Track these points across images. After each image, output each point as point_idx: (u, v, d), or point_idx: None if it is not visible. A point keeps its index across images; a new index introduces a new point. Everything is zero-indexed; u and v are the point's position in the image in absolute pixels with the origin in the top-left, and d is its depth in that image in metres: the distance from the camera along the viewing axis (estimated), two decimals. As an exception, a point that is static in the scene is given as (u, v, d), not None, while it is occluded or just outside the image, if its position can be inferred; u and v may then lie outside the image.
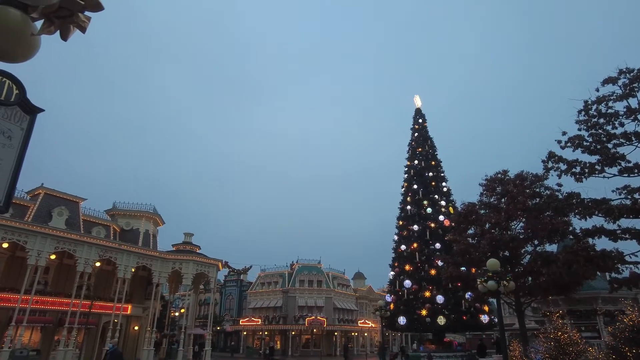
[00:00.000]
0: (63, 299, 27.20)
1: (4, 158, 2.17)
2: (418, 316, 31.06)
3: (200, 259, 32.85)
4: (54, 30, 2.42)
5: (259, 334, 54.28)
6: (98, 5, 2.41)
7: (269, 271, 59.41)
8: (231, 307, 62.65)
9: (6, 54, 2.31)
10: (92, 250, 27.16)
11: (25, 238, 24.17)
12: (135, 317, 33.31)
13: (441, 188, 38.35)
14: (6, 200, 2.16)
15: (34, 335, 27.31)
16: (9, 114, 2.24)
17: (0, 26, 2.23)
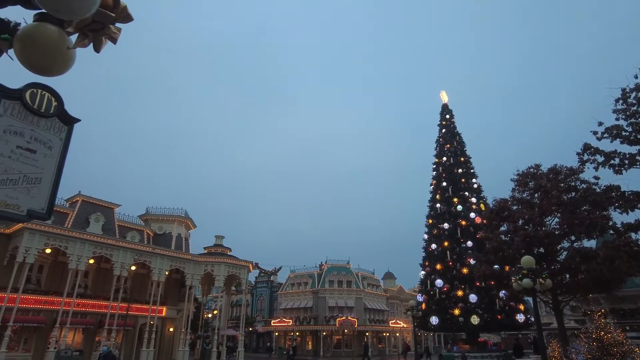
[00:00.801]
0: (102, 301, 28.22)
1: (45, 167, 2.27)
2: (451, 316, 30.52)
3: (231, 261, 33.38)
4: (87, 43, 2.51)
5: (291, 335, 54.63)
6: (128, 16, 2.48)
7: (299, 272, 59.71)
8: (262, 308, 63.34)
9: (45, 69, 2.43)
10: (127, 255, 28.07)
11: (65, 244, 25.26)
12: (170, 318, 34.16)
13: (471, 185, 37.54)
14: (49, 208, 2.26)
15: (77, 336, 28.43)
16: (49, 125, 2.35)
17: (39, 43, 2.34)
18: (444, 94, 45.50)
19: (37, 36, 2.32)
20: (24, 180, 2.15)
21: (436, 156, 40.96)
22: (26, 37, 2.30)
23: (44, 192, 2.24)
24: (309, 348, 54.55)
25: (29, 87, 2.30)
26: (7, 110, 2.15)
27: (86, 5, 2.09)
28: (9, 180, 2.09)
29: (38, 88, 2.33)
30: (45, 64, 2.39)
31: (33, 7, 2.42)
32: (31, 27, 2.34)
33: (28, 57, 2.35)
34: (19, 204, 2.11)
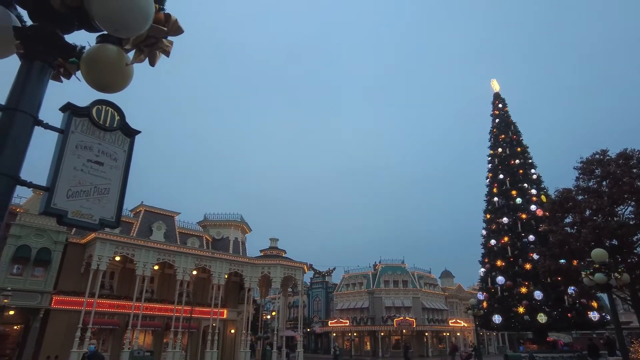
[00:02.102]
0: (167, 305, 29.79)
1: (112, 179, 2.43)
2: (515, 314, 29.04)
3: (286, 263, 33.99)
4: (143, 58, 2.65)
5: (348, 335, 54.60)
6: (179, 29, 2.60)
7: (353, 272, 59.59)
8: (319, 308, 63.82)
9: (107, 86, 2.60)
10: (188, 260, 29.43)
11: (132, 251, 26.97)
12: (231, 320, 35.35)
13: (530, 175, 35.57)
14: (117, 216, 2.41)
15: (147, 338, 30.18)
16: (113, 139, 2.51)
17: (101, 63, 2.50)
18: (495, 82, 43.50)
19: (99, 57, 2.49)
20: (95, 191, 2.31)
21: (490, 148, 39.23)
22: (90, 58, 2.48)
23: (112, 202, 2.40)
24: (367, 348, 54.22)
25: (95, 104, 2.46)
26: (77, 126, 2.33)
27: (141, 22, 2.21)
28: (82, 191, 2.25)
29: (103, 104, 2.50)
30: (107, 81, 2.56)
31: (95, 30, 2.59)
32: (94, 48, 2.52)
33: (92, 77, 2.52)
34: (92, 214, 2.27)
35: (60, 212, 2.14)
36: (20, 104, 2.08)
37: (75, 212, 2.19)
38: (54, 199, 2.13)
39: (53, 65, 2.32)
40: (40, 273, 25.55)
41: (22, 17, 2.46)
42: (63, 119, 2.34)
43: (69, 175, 2.22)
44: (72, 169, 2.24)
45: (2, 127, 2.01)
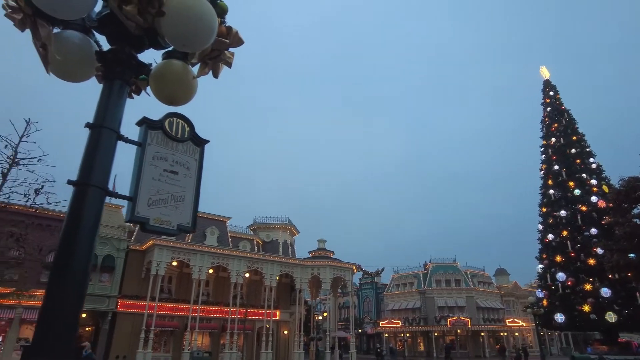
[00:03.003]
0: (223, 307, 30.78)
1: (186, 186, 2.58)
2: (579, 313, 27.43)
3: (335, 264, 34.13)
4: (207, 71, 2.79)
5: (401, 336, 53.85)
6: (240, 41, 2.71)
7: (403, 273, 58.76)
8: (369, 309, 63.48)
9: (174, 100, 2.76)
10: (241, 263, 30.29)
11: (188, 256, 28.16)
12: (284, 322, 35.93)
13: (588, 165, 33.48)
14: (193, 222, 2.56)
15: (205, 340, 31.33)
16: (185, 149, 2.66)
17: (168, 78, 2.66)
18: (544, 69, 41.36)
19: (167, 72, 2.65)
20: (172, 199, 2.46)
21: (543, 138, 37.36)
22: (158, 74, 2.64)
23: (187, 208, 2.54)
24: (421, 349, 53.22)
25: (166, 117, 2.63)
26: (153, 139, 2.49)
27: (208, 37, 2.33)
28: (161, 199, 2.41)
29: (174, 117, 2.66)
30: (175, 95, 2.72)
31: (162, 47, 2.76)
32: (161, 65, 2.68)
33: (161, 92, 2.69)
34: (170, 220, 2.42)
35: (143, 219, 2.31)
36: (104, 121, 2.26)
37: (156, 219, 2.35)
38: (137, 208, 2.30)
39: (130, 84, 2.50)
40: (106, 278, 27.31)
41: (98, 41, 2.66)
42: (140, 133, 2.51)
43: (149, 185, 2.38)
44: (150, 179, 2.40)
45: (91, 143, 2.19)
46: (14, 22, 2.38)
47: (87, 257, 2.01)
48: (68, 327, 1.91)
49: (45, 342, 1.84)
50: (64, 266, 1.95)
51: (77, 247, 1.99)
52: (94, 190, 2.09)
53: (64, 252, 1.97)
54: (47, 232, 25.70)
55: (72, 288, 1.94)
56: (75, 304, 1.95)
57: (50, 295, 1.92)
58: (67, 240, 1.99)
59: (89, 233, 2.03)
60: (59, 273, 1.94)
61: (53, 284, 1.93)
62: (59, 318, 1.90)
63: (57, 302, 1.92)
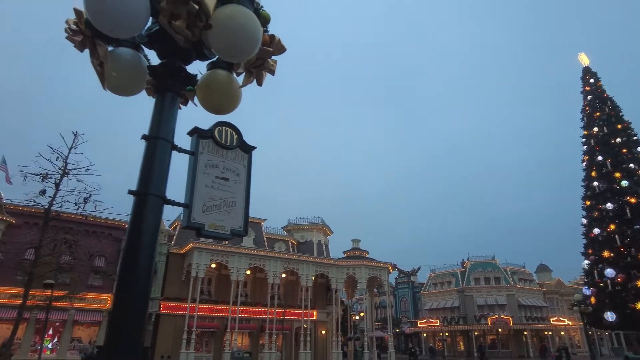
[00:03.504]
0: (261, 308, 31.27)
1: (237, 192, 2.67)
2: (632, 311, 26.01)
3: (370, 263, 34.00)
4: (252, 80, 2.87)
5: (439, 335, 52.91)
6: (282, 48, 2.77)
7: (440, 271, 57.76)
8: (406, 309, 62.77)
9: (220, 109, 2.86)
10: (277, 264, 30.69)
11: (226, 258, 28.81)
12: (321, 322, 36.10)
13: (636, 154, 31.72)
14: (245, 226, 2.64)
15: (244, 340, 31.94)
16: (234, 156, 2.76)
17: (214, 87, 2.76)
18: (583, 56, 39.48)
19: (212, 82, 2.75)
20: (225, 205, 2.56)
21: (584, 128, 35.61)
22: (205, 85, 2.75)
23: (239, 213, 2.63)
24: (461, 349, 52.09)
25: (216, 126, 2.73)
26: (204, 148, 2.60)
27: (253, 47, 2.40)
28: (214, 205, 2.51)
29: (222, 126, 2.76)
30: (221, 104, 2.82)
31: (207, 58, 2.86)
32: (207, 75, 2.79)
33: (208, 101, 2.80)
34: (224, 225, 2.51)
35: (199, 225, 2.41)
36: (159, 132, 2.37)
37: (211, 225, 2.45)
38: (193, 214, 2.40)
39: (180, 95, 2.62)
40: (149, 281, 28.30)
41: (147, 56, 2.80)
42: (191, 142, 2.62)
43: (202, 192, 2.49)
44: (204, 186, 2.51)
45: (148, 153, 2.31)
46: (74, 44, 2.55)
47: (150, 261, 2.12)
48: (135, 328, 2.02)
49: (116, 343, 1.96)
50: (130, 271, 2.07)
51: (140, 253, 2.10)
52: (153, 199, 2.20)
53: (128, 258, 2.09)
54: (96, 239, 27.01)
55: (137, 291, 2.06)
56: (141, 305, 2.07)
57: (118, 298, 2.05)
58: (131, 247, 2.10)
59: (150, 239, 2.14)
60: (126, 277, 2.06)
61: (120, 287, 2.05)
62: (127, 320, 2.01)
63: (124, 304, 2.04)
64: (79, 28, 2.45)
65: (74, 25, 2.47)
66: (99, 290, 27.42)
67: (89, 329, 27.74)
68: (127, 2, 2.06)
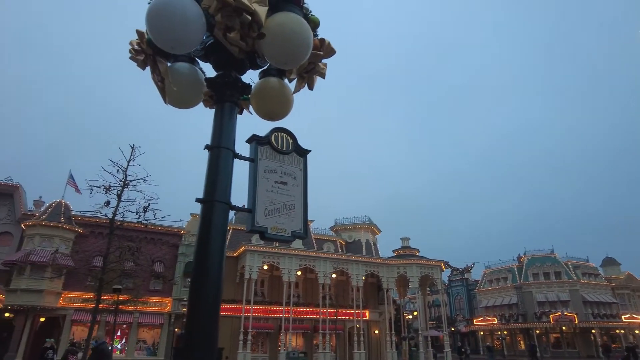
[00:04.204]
0: (313, 308, 31.58)
1: (295, 195, 2.73)
2: None
3: (422, 262, 33.37)
4: (304, 85, 2.92)
5: (497, 334, 50.93)
6: (332, 51, 2.80)
7: (495, 267, 55.68)
8: (461, 307, 61.06)
9: (274, 115, 2.93)
10: (327, 264, 30.87)
11: (277, 260, 29.39)
12: (374, 321, 35.87)
13: None
14: (304, 228, 2.70)
15: (299, 340, 32.37)
16: (291, 160, 2.82)
17: (267, 95, 2.84)
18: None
19: (266, 90, 2.83)
20: (284, 208, 2.63)
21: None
22: (259, 93, 2.84)
23: (298, 215, 2.69)
24: (521, 348, 49.76)
25: (272, 132, 2.81)
26: (263, 154, 2.68)
27: (305, 52, 2.44)
28: (275, 209, 2.58)
29: (278, 132, 2.83)
30: (275, 111, 2.90)
31: (259, 67, 2.95)
32: (259, 83, 2.87)
33: (262, 109, 2.88)
34: (285, 228, 2.58)
35: (262, 229, 2.49)
36: (221, 141, 2.47)
37: (273, 228, 2.52)
38: (256, 218, 2.48)
39: (238, 105, 2.71)
40: (205, 284, 29.45)
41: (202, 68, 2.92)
42: (250, 149, 2.71)
43: (263, 196, 2.57)
44: (264, 191, 2.59)
45: (212, 162, 2.42)
46: (137, 63, 2.71)
47: (220, 265, 2.22)
48: (210, 330, 2.12)
49: (193, 344, 2.06)
50: (202, 275, 2.17)
51: (210, 257, 2.20)
52: (219, 205, 2.30)
53: (200, 263, 2.19)
54: (154, 245, 28.50)
55: (210, 294, 2.15)
56: (214, 308, 2.16)
57: (192, 301, 2.15)
58: (201, 252, 2.21)
59: (219, 244, 2.24)
60: (198, 281, 2.17)
61: (194, 291, 2.16)
62: (201, 322, 2.12)
63: (198, 307, 2.14)
64: (141, 48, 2.59)
65: (136, 45, 2.62)
66: (159, 294, 28.89)
67: (152, 330, 29.28)
68: (186, 19, 2.16)
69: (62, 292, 26.40)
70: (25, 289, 24.76)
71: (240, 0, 2.23)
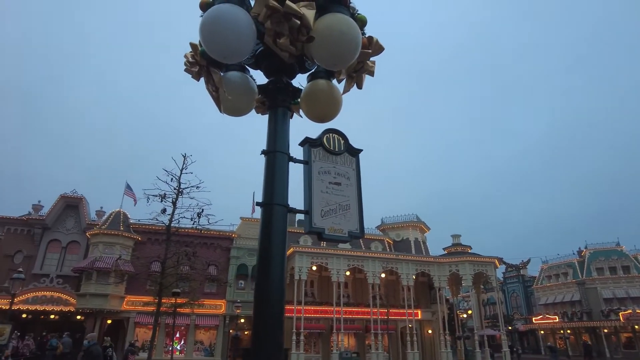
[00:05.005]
0: (363, 308, 31.44)
1: (350, 195, 2.74)
2: None
3: (475, 259, 32.34)
4: (353, 84, 2.91)
5: (560, 333, 48.25)
6: (381, 48, 2.77)
7: (553, 262, 52.82)
8: (518, 305, 58.49)
9: (324, 117, 2.95)
10: (375, 263, 30.63)
11: (325, 260, 29.53)
12: (426, 321, 35.15)
13: None
14: (361, 228, 2.70)
15: (351, 340, 32.35)
16: (343, 160, 2.83)
17: (318, 97, 2.86)
18: None
19: (315, 92, 2.85)
20: (340, 208, 2.64)
21: None
22: (308, 96, 2.86)
23: (354, 215, 2.69)
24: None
25: (323, 134, 2.83)
26: (316, 156, 2.71)
27: (354, 52, 2.43)
28: (331, 210, 2.60)
29: (330, 133, 2.85)
30: (325, 112, 2.91)
31: (307, 70, 2.97)
32: (309, 86, 2.90)
33: (312, 111, 2.91)
34: (342, 228, 2.59)
35: (320, 230, 2.51)
36: (276, 146, 2.53)
37: (330, 229, 2.54)
38: (313, 220, 2.51)
39: (290, 109, 2.76)
40: (256, 286, 30.19)
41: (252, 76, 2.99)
42: (303, 152, 2.75)
43: (319, 198, 2.59)
44: (319, 192, 2.61)
45: (270, 166, 2.48)
46: (191, 75, 2.82)
47: (282, 267, 2.26)
48: (275, 331, 2.16)
49: (260, 345, 2.12)
50: (265, 277, 2.22)
51: (272, 259, 2.25)
52: (278, 208, 2.35)
53: (263, 265, 2.25)
54: (207, 249, 29.57)
55: (273, 295, 2.20)
56: (278, 309, 2.20)
57: (257, 303, 2.21)
58: (264, 255, 2.26)
59: (280, 246, 2.29)
60: (262, 284, 2.22)
61: (259, 293, 2.22)
62: (267, 323, 2.16)
63: (263, 309, 2.19)
64: (195, 59, 2.70)
65: (191, 57, 2.73)
66: (214, 297, 29.88)
67: (209, 332, 30.33)
68: (238, 29, 2.23)
69: (125, 296, 28.00)
70: (93, 293, 26.49)
71: (289, 6, 2.25)
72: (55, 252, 29.41)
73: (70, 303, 26.80)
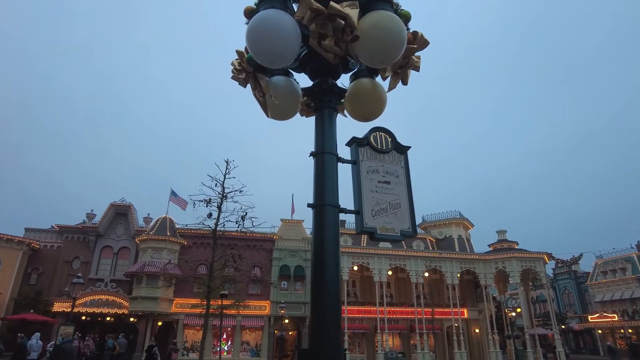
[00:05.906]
0: (407, 308, 30.97)
1: (400, 194, 2.70)
2: None
3: (522, 255, 31.14)
4: (398, 81, 2.88)
5: (620, 332, 45.42)
6: (426, 42, 2.72)
7: (608, 257, 49.82)
8: (570, 302, 55.54)
9: (369, 116, 2.93)
10: (418, 262, 30.12)
11: (366, 260, 29.38)
12: (473, 320, 34.17)
13: None
14: (413, 226, 2.65)
15: (395, 340, 31.96)
16: (391, 158, 2.80)
17: (362, 96, 2.85)
18: None
19: (360, 91, 2.84)
20: (390, 207, 2.61)
21: None
22: (353, 95, 2.85)
23: (405, 214, 2.66)
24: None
25: (370, 132, 2.81)
26: (364, 155, 2.70)
27: (400, 48, 2.39)
28: (381, 209, 2.58)
29: (377, 131, 2.83)
30: (370, 111, 2.90)
31: (350, 70, 2.97)
32: (353, 86, 2.88)
33: (357, 110, 2.90)
34: (393, 227, 2.56)
35: (371, 229, 2.49)
36: (324, 147, 2.53)
37: (382, 228, 2.52)
38: (364, 220, 2.49)
39: (336, 110, 2.77)
40: (299, 287, 30.46)
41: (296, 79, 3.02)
42: (351, 152, 2.74)
43: (368, 197, 2.57)
44: (369, 192, 2.59)
45: (318, 168, 2.48)
46: (238, 82, 2.89)
47: (336, 267, 2.26)
48: (333, 331, 2.16)
49: (319, 346, 2.13)
50: (320, 278, 2.23)
51: (326, 260, 2.25)
52: (329, 209, 2.35)
53: (318, 267, 2.25)
54: (250, 251, 30.15)
55: (329, 296, 2.19)
56: (335, 309, 2.20)
57: (314, 304, 2.22)
58: (318, 256, 2.27)
59: (334, 246, 2.28)
60: (318, 285, 2.23)
61: (315, 294, 2.23)
62: (325, 324, 2.16)
63: (320, 310, 2.20)
64: (241, 67, 2.75)
65: (237, 65, 2.79)
66: (258, 298, 30.40)
67: (254, 332, 30.88)
68: (283, 34, 2.25)
69: (174, 299, 29.04)
70: (144, 296, 27.67)
71: (333, 6, 2.24)
72: (108, 258, 30.97)
73: (123, 306, 28.11)
